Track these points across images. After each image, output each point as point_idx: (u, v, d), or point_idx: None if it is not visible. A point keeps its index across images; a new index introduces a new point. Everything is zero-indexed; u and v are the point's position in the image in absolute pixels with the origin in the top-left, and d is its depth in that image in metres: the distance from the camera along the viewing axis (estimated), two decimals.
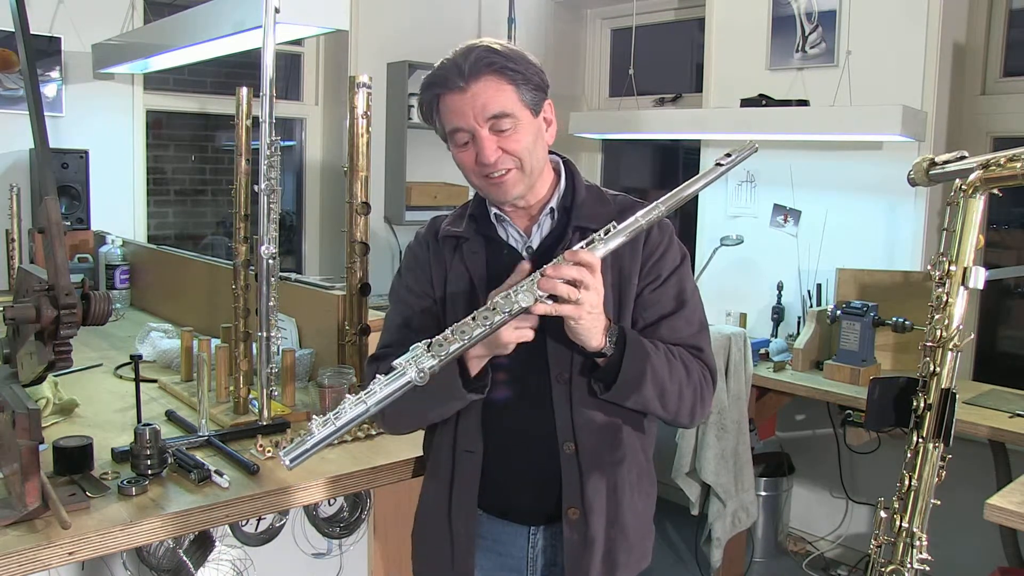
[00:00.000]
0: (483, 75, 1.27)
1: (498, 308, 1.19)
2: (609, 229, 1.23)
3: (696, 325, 1.39)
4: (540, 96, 1.33)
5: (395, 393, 1.17)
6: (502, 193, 1.33)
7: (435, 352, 1.17)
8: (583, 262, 1.19)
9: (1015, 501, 1.68)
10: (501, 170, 1.30)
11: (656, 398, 1.30)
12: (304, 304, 2.14)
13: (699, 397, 1.36)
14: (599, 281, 1.21)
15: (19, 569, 1.18)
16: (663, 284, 1.37)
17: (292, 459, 1.16)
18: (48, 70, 3.21)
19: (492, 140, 1.29)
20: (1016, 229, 3.27)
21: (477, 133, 1.29)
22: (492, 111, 1.28)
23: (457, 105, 1.29)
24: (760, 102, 3.23)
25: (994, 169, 1.14)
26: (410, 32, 3.90)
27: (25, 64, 1.40)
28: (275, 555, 1.83)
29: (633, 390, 1.28)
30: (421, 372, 1.16)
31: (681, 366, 1.33)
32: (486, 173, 1.32)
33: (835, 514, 3.45)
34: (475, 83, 1.27)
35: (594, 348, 1.25)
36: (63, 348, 1.25)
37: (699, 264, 3.54)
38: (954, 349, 1.17)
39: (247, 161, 1.87)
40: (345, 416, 1.16)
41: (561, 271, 1.18)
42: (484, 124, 1.28)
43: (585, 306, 1.19)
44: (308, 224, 4.11)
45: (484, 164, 1.30)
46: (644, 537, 1.45)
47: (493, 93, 1.28)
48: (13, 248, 2.87)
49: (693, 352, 1.37)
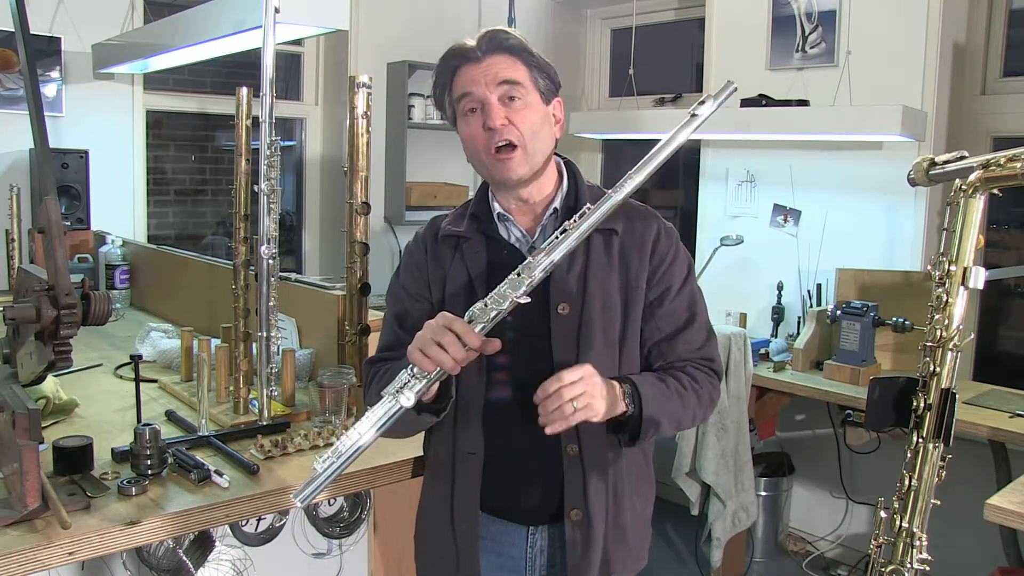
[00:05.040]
0: (499, 51, 1.32)
1: (476, 320, 1.20)
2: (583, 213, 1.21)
3: (706, 333, 1.43)
4: (551, 87, 1.37)
5: (388, 421, 1.20)
6: (506, 170, 1.33)
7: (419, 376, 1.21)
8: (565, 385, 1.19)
9: (1015, 501, 1.68)
10: (505, 140, 1.31)
11: (672, 429, 1.37)
12: (304, 304, 2.14)
13: (707, 411, 1.41)
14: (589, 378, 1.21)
15: (19, 569, 1.18)
16: (677, 296, 1.39)
17: (302, 499, 1.21)
18: (48, 70, 3.21)
19: (500, 109, 1.31)
20: (1016, 229, 3.27)
21: (486, 99, 1.31)
22: (503, 77, 1.31)
23: (471, 74, 1.32)
24: (760, 102, 3.23)
25: (994, 169, 1.14)
26: (410, 32, 3.90)
27: (25, 64, 1.41)
28: (275, 555, 1.83)
29: (654, 432, 1.33)
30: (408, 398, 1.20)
31: (693, 395, 1.37)
32: (492, 143, 1.32)
33: (835, 514, 3.45)
34: (490, 56, 1.32)
35: (619, 416, 1.29)
36: (63, 348, 1.25)
37: (699, 264, 3.53)
38: (954, 349, 1.17)
39: (247, 161, 1.87)
40: (344, 451, 1.19)
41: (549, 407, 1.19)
42: (494, 91, 1.31)
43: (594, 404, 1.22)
44: (308, 224, 4.11)
45: (490, 129, 1.31)
46: (642, 538, 1.46)
47: (507, 65, 1.32)
48: (13, 248, 2.87)
49: (704, 364, 1.40)
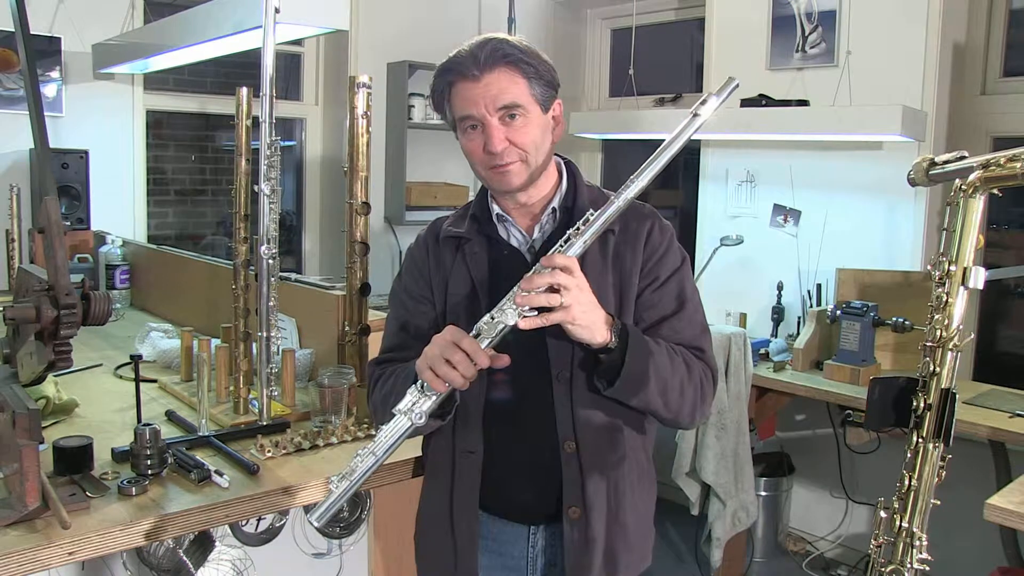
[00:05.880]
0: (498, 66, 1.29)
1: (483, 334, 1.20)
2: (587, 219, 1.22)
3: (697, 327, 1.39)
4: (551, 93, 1.35)
5: (400, 439, 1.24)
6: (505, 183, 1.34)
7: (428, 393, 1.22)
8: (558, 265, 1.18)
9: (1015, 501, 1.68)
10: (506, 160, 1.32)
11: (659, 395, 1.29)
12: (304, 304, 2.14)
13: (700, 395, 1.35)
14: (581, 279, 1.20)
15: (19, 569, 1.18)
16: (663, 285, 1.37)
17: (319, 519, 1.23)
18: (48, 70, 3.21)
19: (501, 130, 1.30)
20: (1016, 229, 3.27)
21: (487, 122, 1.30)
22: (503, 102, 1.29)
23: (470, 93, 1.30)
24: (760, 102, 3.23)
25: (994, 169, 1.14)
26: (410, 32, 3.90)
27: (25, 64, 1.41)
28: (275, 555, 1.83)
29: (637, 386, 1.27)
30: (420, 415, 1.22)
31: (683, 363, 1.33)
32: (492, 163, 1.33)
33: (835, 514, 3.45)
34: (489, 73, 1.29)
35: (599, 344, 1.23)
36: (63, 348, 1.25)
37: (699, 264, 3.54)
38: (954, 349, 1.17)
39: (247, 161, 1.88)
40: (358, 470, 1.23)
41: (535, 281, 1.18)
42: (494, 114, 1.30)
43: (574, 308, 1.18)
44: (308, 224, 4.11)
45: (491, 153, 1.31)
46: (645, 537, 1.46)
47: (506, 84, 1.30)
48: (13, 248, 2.87)
49: (695, 353, 1.37)
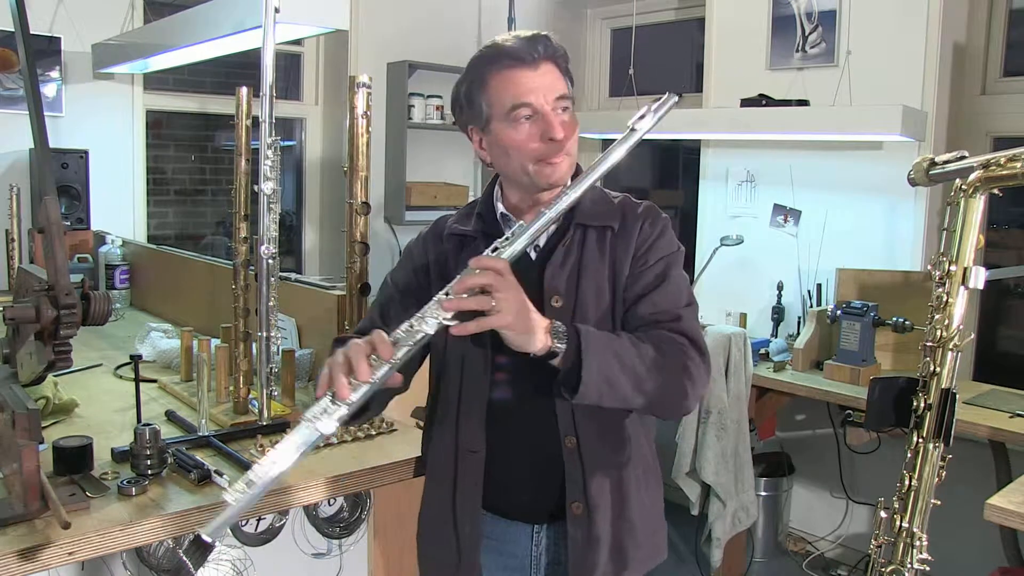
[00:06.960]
0: (551, 59, 1.33)
1: (400, 342, 1.13)
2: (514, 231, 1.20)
3: (678, 298, 1.32)
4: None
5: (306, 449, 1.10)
6: (556, 176, 1.33)
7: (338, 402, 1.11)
8: (487, 267, 1.16)
9: (1015, 501, 1.68)
10: (563, 151, 1.32)
11: (632, 387, 1.20)
12: (304, 304, 2.14)
13: (686, 374, 1.25)
14: (512, 282, 1.15)
15: (19, 569, 1.18)
16: (650, 267, 1.34)
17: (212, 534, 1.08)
18: (48, 70, 3.21)
19: (560, 119, 1.31)
20: (1016, 229, 3.27)
21: (546, 111, 1.30)
22: (559, 92, 1.32)
23: (527, 80, 1.30)
24: (760, 102, 3.23)
25: (994, 169, 1.14)
26: (410, 32, 3.90)
27: (25, 64, 1.40)
28: (275, 555, 1.83)
29: (603, 384, 1.18)
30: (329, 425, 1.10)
31: (651, 347, 1.24)
32: (546, 155, 1.31)
33: (835, 514, 3.45)
34: (544, 63, 1.32)
35: (539, 351, 1.17)
36: (63, 348, 1.25)
37: (699, 264, 3.54)
38: (954, 349, 1.17)
39: (247, 161, 1.87)
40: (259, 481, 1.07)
41: (465, 283, 1.15)
42: (551, 103, 1.31)
43: (506, 312, 1.13)
44: (308, 224, 4.11)
45: (554, 140, 1.30)
46: (654, 532, 1.44)
47: (557, 76, 1.33)
48: (13, 248, 2.87)
49: (671, 325, 1.28)
